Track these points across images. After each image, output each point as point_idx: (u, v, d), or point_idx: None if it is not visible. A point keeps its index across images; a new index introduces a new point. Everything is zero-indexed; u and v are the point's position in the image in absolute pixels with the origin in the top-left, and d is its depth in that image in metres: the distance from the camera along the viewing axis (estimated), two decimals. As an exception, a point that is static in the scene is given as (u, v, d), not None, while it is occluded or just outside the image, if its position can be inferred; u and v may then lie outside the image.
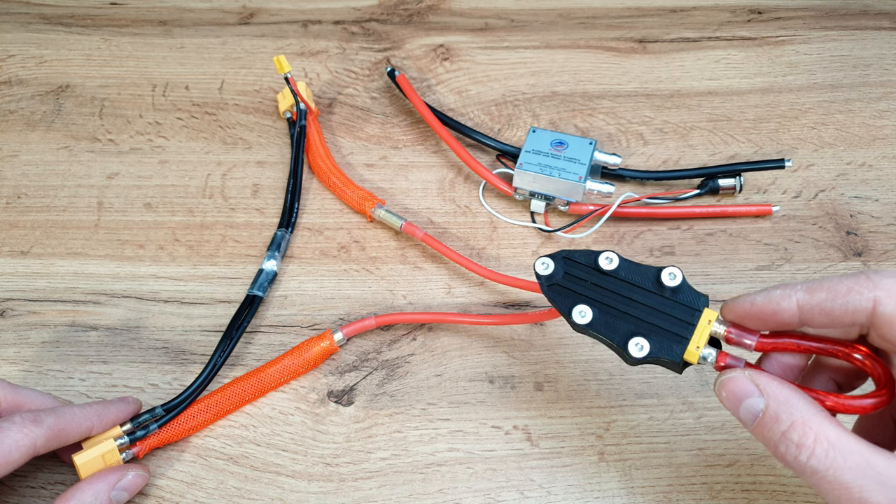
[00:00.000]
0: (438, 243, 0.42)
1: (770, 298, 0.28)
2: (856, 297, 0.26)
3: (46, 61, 0.54)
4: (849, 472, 0.24)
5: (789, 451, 0.25)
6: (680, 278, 0.30)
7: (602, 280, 0.31)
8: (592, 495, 0.36)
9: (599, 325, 0.30)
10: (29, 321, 0.41)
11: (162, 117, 0.51)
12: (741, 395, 0.27)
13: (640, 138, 0.49)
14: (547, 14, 0.57)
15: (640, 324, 0.30)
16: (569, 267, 0.32)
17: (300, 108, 0.48)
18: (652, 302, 0.30)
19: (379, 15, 0.58)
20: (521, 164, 0.44)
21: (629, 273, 0.31)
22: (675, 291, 0.30)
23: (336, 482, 0.36)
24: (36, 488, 0.36)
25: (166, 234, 0.45)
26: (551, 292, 0.31)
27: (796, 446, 0.25)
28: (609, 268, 0.31)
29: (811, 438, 0.25)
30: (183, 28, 0.56)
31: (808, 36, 0.55)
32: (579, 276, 0.31)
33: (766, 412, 0.26)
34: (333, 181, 0.46)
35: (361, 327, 0.40)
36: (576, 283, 0.31)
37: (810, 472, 0.25)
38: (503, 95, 0.52)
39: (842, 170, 0.48)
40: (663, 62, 0.54)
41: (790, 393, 0.26)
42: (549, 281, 0.32)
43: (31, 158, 0.49)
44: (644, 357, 0.29)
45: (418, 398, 0.39)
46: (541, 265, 0.32)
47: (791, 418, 0.25)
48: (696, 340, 0.29)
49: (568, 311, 0.31)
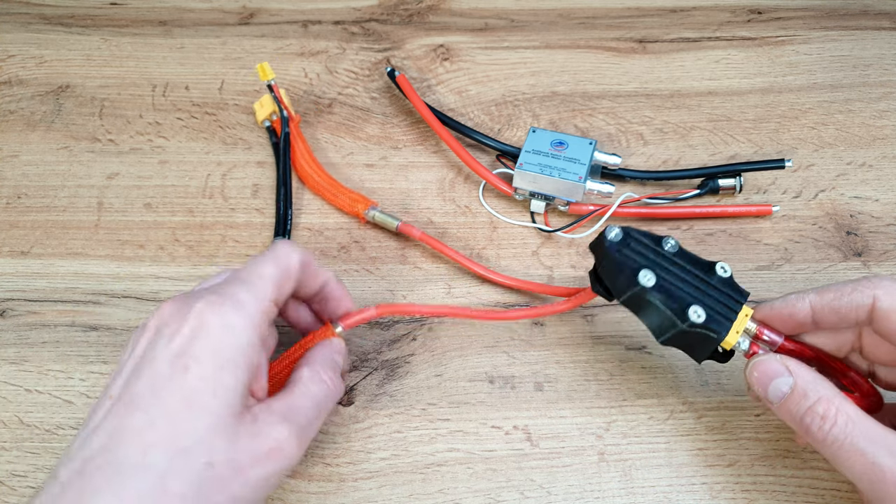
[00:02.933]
0: (436, 241, 0.42)
1: (787, 301, 0.32)
2: (858, 294, 0.31)
3: (46, 61, 0.54)
4: (864, 440, 0.28)
5: (814, 422, 0.29)
6: (730, 272, 0.33)
7: (662, 259, 0.33)
8: (592, 495, 0.36)
9: (661, 289, 0.32)
10: (29, 321, 0.41)
11: (162, 117, 0.51)
12: (772, 375, 0.31)
13: (640, 138, 0.49)
14: (547, 14, 0.57)
15: (695, 298, 0.32)
16: (632, 242, 0.34)
17: (283, 115, 0.48)
18: (703, 286, 0.33)
19: (379, 15, 0.58)
20: (521, 164, 0.44)
21: (686, 258, 0.34)
22: (723, 282, 0.33)
23: (336, 482, 0.36)
24: (36, 488, 0.36)
25: (166, 234, 0.45)
26: (619, 255, 0.33)
27: (821, 418, 0.29)
28: (669, 249, 0.34)
29: (833, 411, 0.29)
30: (183, 28, 0.56)
31: (808, 36, 0.55)
32: (641, 250, 0.33)
33: (795, 389, 0.30)
34: (323, 186, 0.46)
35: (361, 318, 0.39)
36: (639, 254, 0.33)
37: (831, 440, 0.29)
38: (503, 95, 0.52)
39: (842, 170, 0.48)
40: (663, 62, 0.54)
41: (816, 375, 0.30)
42: (616, 246, 0.33)
43: (31, 158, 0.49)
44: (701, 322, 0.31)
45: (418, 398, 0.39)
46: (611, 231, 0.33)
47: (818, 394, 0.29)
48: (736, 326, 0.32)
49: (634, 272, 0.32)
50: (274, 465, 0.29)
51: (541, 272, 0.43)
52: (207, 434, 0.27)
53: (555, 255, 0.44)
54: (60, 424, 0.38)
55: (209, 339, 0.28)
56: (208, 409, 0.27)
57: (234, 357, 0.28)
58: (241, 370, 0.28)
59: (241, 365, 0.28)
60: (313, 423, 0.31)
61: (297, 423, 0.30)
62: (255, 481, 0.28)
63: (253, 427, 0.28)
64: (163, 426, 0.27)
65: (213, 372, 0.28)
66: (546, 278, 0.43)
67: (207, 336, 0.28)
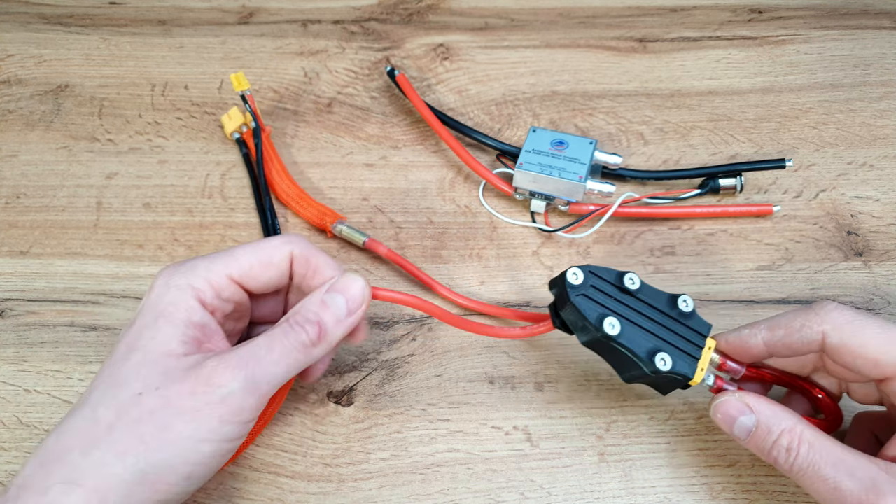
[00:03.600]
0: (404, 260, 0.42)
1: (740, 337, 0.33)
2: (808, 331, 0.31)
3: (45, 61, 0.54)
4: (825, 466, 0.29)
5: (780, 456, 0.30)
6: (692, 305, 0.33)
7: (624, 298, 0.33)
8: (593, 496, 0.35)
9: (626, 336, 0.32)
10: (28, 321, 0.41)
11: (161, 117, 0.51)
12: (735, 414, 0.31)
13: (641, 138, 0.49)
14: (547, 13, 0.57)
15: (660, 341, 0.32)
16: (594, 282, 0.33)
17: (256, 126, 0.47)
18: (667, 323, 0.33)
19: (379, 14, 0.58)
20: (522, 163, 0.44)
21: (648, 294, 0.33)
22: (686, 316, 0.33)
23: (336, 483, 0.36)
24: (35, 489, 0.36)
25: (165, 233, 0.45)
26: (580, 301, 0.32)
27: (786, 451, 0.30)
28: (632, 287, 0.33)
29: (796, 442, 0.29)
30: (182, 28, 0.56)
31: (808, 35, 0.55)
32: (604, 290, 0.33)
33: (758, 426, 0.30)
34: (292, 198, 0.45)
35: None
36: (601, 297, 0.33)
37: (797, 470, 0.29)
38: (503, 95, 0.52)
39: (843, 169, 0.47)
40: (664, 62, 0.54)
41: (775, 407, 0.31)
42: (577, 291, 0.32)
43: (30, 158, 0.49)
44: (667, 370, 0.31)
45: (418, 398, 0.39)
46: (573, 275, 0.33)
47: (779, 428, 0.30)
48: (701, 363, 0.32)
49: (599, 321, 0.32)
50: (206, 397, 0.29)
51: (541, 272, 0.43)
52: (141, 369, 0.29)
53: (555, 255, 0.44)
54: (59, 425, 0.38)
55: (151, 295, 0.31)
56: (144, 350, 0.30)
57: (170, 311, 0.31)
58: (181, 321, 0.30)
59: (179, 317, 0.30)
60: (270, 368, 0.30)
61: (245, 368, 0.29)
62: (188, 412, 0.28)
63: (193, 364, 0.29)
64: (106, 368, 0.30)
65: (153, 320, 0.30)
66: (546, 278, 0.43)
67: (150, 293, 0.31)
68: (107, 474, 0.27)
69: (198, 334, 0.31)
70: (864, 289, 0.42)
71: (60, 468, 0.27)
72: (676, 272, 0.43)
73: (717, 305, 0.42)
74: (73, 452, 0.28)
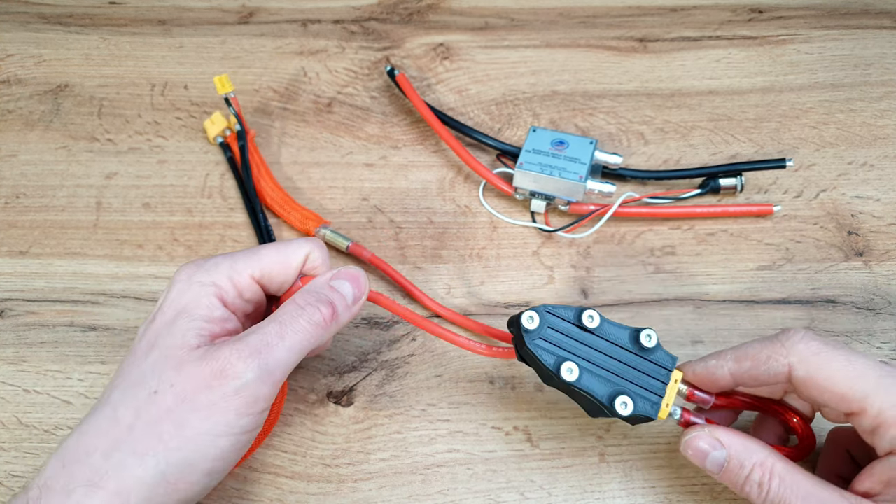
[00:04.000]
0: (387, 266, 0.42)
1: (707, 369, 0.32)
2: (774, 363, 0.30)
3: (45, 61, 0.54)
4: (797, 499, 0.28)
5: (753, 490, 0.29)
6: (655, 340, 0.32)
7: (583, 337, 0.32)
8: (593, 496, 0.35)
9: (585, 382, 0.31)
10: (28, 321, 0.41)
11: (161, 117, 0.51)
12: (707, 449, 0.30)
13: (641, 138, 0.49)
14: (547, 13, 0.57)
15: (621, 382, 0.32)
16: (552, 322, 0.32)
17: (241, 129, 0.47)
18: (628, 360, 0.32)
19: (378, 14, 0.58)
20: (522, 163, 0.44)
21: (608, 331, 0.32)
22: (648, 351, 0.32)
23: (335, 483, 0.36)
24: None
25: (165, 233, 0.45)
26: (536, 346, 0.32)
27: (758, 485, 0.29)
28: (591, 326, 0.32)
29: (767, 477, 0.29)
30: (182, 27, 0.56)
31: (809, 35, 0.55)
32: (562, 330, 0.32)
33: (730, 461, 0.30)
34: (276, 202, 0.45)
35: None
36: (559, 338, 0.32)
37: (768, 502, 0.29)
38: (503, 95, 0.52)
39: (843, 169, 0.47)
40: (664, 61, 0.54)
41: (746, 441, 0.30)
42: (533, 336, 0.32)
43: (29, 158, 0.49)
44: (628, 415, 0.31)
45: (418, 399, 0.39)
46: (528, 319, 0.32)
47: (751, 462, 0.30)
48: (667, 398, 0.32)
49: (556, 367, 0.31)
50: (221, 390, 0.29)
51: (541, 272, 0.43)
52: (157, 367, 0.29)
53: (555, 254, 0.44)
54: (59, 425, 0.38)
55: (172, 292, 0.31)
56: (161, 346, 0.30)
57: (190, 307, 0.31)
58: (200, 317, 0.30)
59: (199, 314, 0.31)
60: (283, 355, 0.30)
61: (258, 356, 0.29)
62: (203, 407, 0.28)
63: (206, 355, 0.29)
64: (125, 366, 0.30)
65: (172, 317, 0.31)
66: (546, 278, 0.43)
67: (171, 289, 0.32)
68: (127, 476, 0.28)
69: (216, 329, 0.31)
70: (864, 289, 0.42)
71: (82, 470, 0.28)
72: (676, 272, 0.43)
73: (718, 305, 0.42)
74: (95, 454, 0.28)
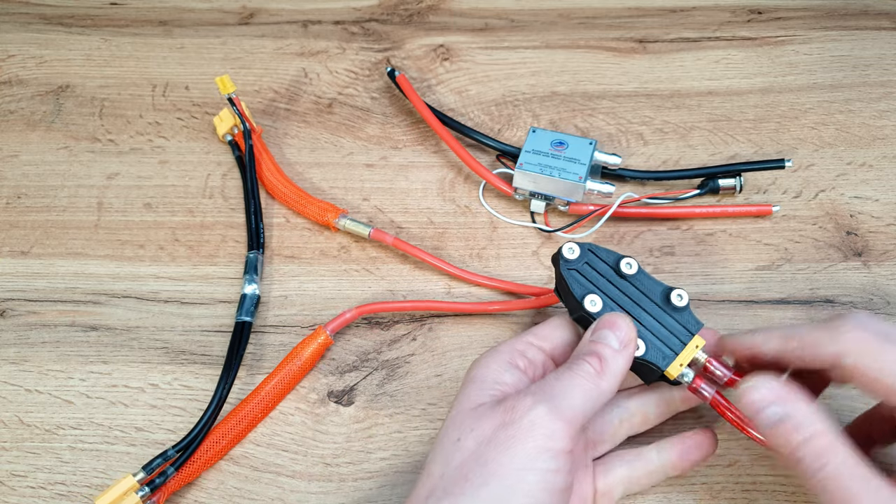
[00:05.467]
0: (410, 246, 0.42)
1: (753, 340, 0.31)
2: (821, 350, 0.29)
3: (46, 61, 0.54)
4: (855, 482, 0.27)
5: (806, 458, 0.28)
6: (686, 301, 0.33)
7: (617, 281, 0.34)
8: (592, 495, 0.36)
9: None
10: (29, 321, 0.41)
11: (162, 117, 0.51)
12: (766, 402, 0.29)
13: (640, 138, 0.49)
14: (547, 14, 0.57)
15: (642, 329, 0.33)
16: (591, 259, 0.34)
17: (245, 128, 0.47)
18: (655, 313, 0.33)
19: (379, 15, 0.58)
20: (522, 164, 0.44)
21: (643, 282, 0.34)
22: (677, 311, 0.33)
23: (336, 482, 0.36)
24: (35, 488, 0.36)
25: (166, 234, 0.45)
26: (570, 275, 0.33)
27: (815, 455, 0.27)
28: (627, 272, 0.34)
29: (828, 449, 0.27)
30: (183, 28, 0.56)
31: (808, 36, 0.55)
32: (598, 270, 0.34)
33: (790, 420, 0.28)
34: (290, 197, 0.45)
35: (343, 321, 0.39)
36: (593, 275, 0.34)
37: (822, 478, 0.27)
38: (503, 95, 0.52)
39: (842, 170, 0.48)
40: (663, 62, 0.54)
41: (813, 407, 0.29)
42: (570, 265, 0.33)
43: (31, 158, 0.49)
44: (639, 356, 0.32)
45: (418, 398, 0.39)
46: (568, 249, 0.34)
47: (812, 429, 0.28)
48: (681, 358, 0.32)
49: (581, 295, 0.33)
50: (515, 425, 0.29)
51: (541, 272, 0.43)
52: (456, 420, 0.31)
53: (555, 255, 0.44)
54: (60, 424, 0.38)
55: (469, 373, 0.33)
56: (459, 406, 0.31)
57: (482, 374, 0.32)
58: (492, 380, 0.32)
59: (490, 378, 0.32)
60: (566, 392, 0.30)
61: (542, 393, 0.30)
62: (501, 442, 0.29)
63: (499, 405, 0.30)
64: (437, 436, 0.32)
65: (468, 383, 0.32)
66: (546, 279, 0.43)
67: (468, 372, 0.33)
68: None
69: (507, 389, 0.32)
70: (863, 289, 0.42)
71: None
72: (676, 272, 0.43)
73: (717, 305, 0.42)
74: None
